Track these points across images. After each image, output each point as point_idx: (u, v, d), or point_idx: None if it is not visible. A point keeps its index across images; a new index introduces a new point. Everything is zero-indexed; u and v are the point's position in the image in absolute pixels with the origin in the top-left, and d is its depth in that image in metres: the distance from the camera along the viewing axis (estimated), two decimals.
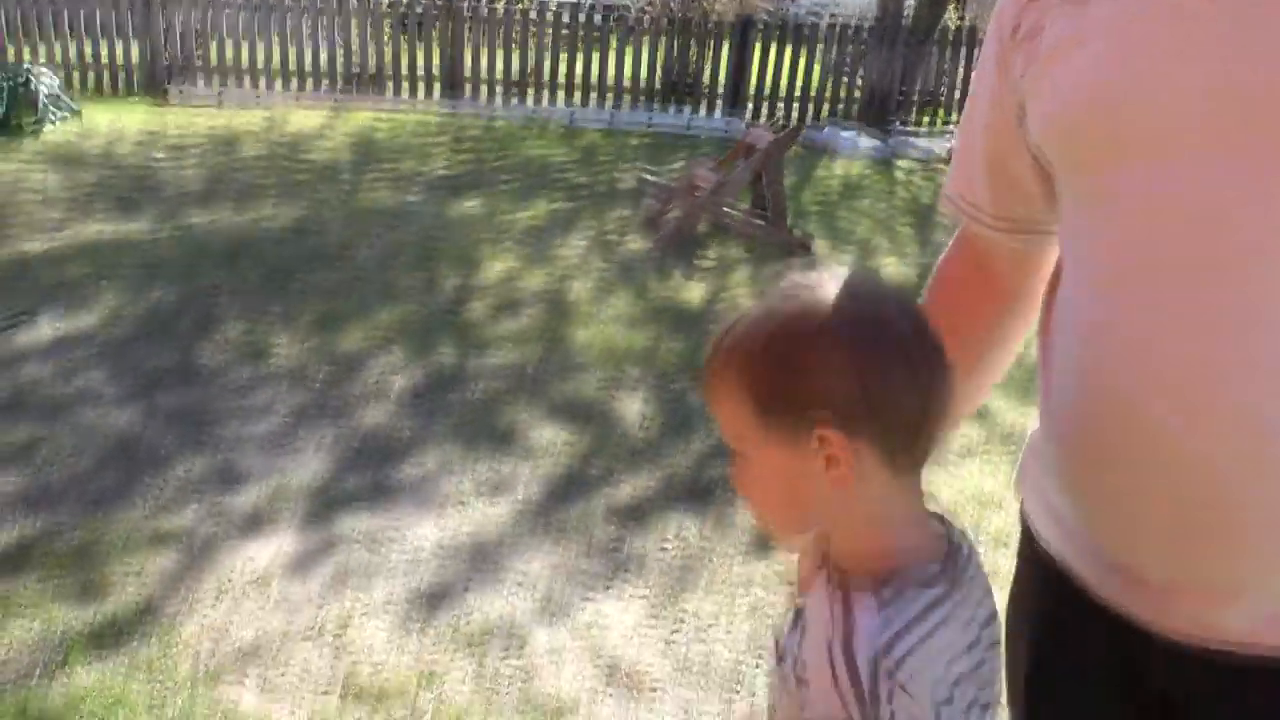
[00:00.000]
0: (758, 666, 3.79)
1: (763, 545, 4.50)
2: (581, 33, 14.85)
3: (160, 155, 10.84)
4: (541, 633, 3.82)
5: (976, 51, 15.04)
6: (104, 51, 13.76)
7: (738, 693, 3.66)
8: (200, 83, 14.00)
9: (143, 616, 3.82)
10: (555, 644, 3.79)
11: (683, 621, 4.00)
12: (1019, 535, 1.69)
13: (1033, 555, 1.60)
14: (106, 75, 13.82)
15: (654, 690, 3.63)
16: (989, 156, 1.54)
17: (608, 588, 4.15)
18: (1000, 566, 4.57)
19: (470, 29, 14.38)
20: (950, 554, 1.31)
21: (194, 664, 3.59)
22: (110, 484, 4.67)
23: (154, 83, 13.85)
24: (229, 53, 14.03)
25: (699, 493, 4.87)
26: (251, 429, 5.23)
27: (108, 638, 3.69)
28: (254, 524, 4.42)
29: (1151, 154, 1.19)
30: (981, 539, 4.73)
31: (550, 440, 5.22)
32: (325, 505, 4.59)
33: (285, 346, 6.13)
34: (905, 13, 16.07)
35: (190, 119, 12.58)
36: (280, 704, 3.43)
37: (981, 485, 5.25)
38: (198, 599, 3.93)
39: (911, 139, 13.99)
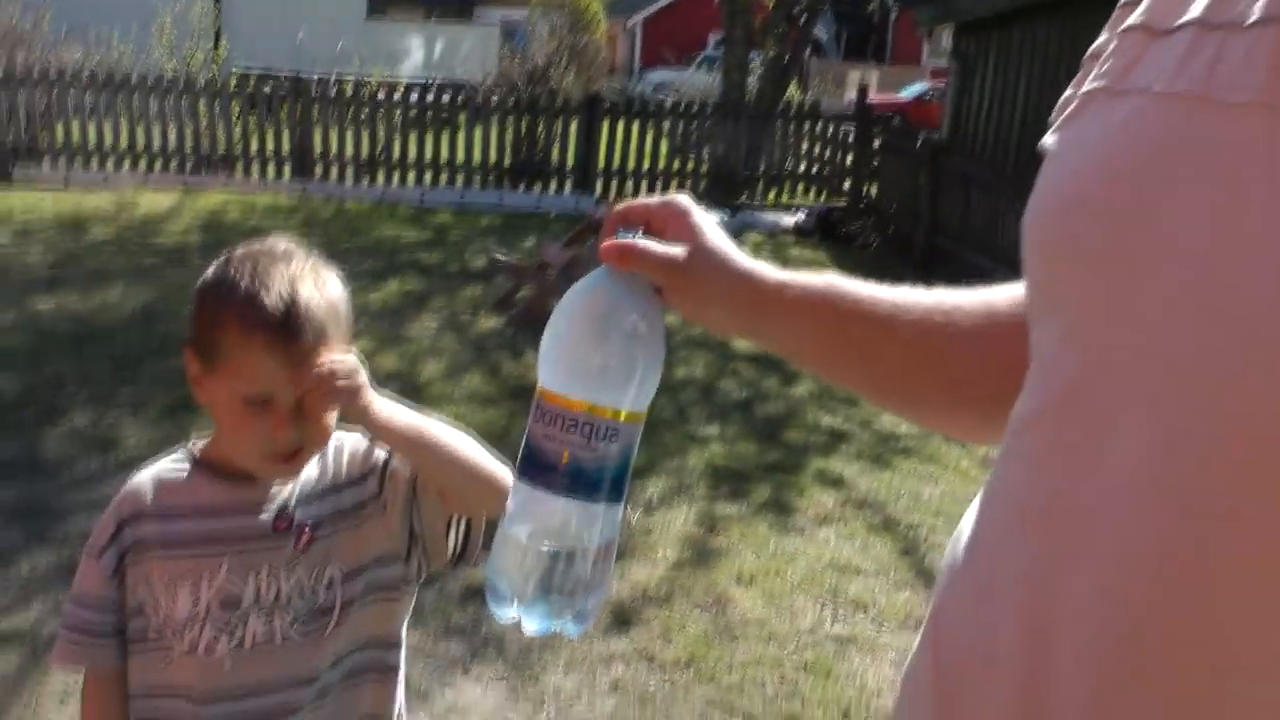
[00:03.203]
0: None
1: (623, 620, 4.52)
2: (430, 113, 14.88)
3: (3, 240, 10.60)
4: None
5: (819, 127, 15.41)
6: None
7: None
8: (46, 164, 13.73)
9: None
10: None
11: (543, 702, 3.99)
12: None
13: None
14: None
15: None
16: None
17: (467, 670, 4.13)
18: (860, 632, 4.65)
19: (319, 109, 14.33)
20: None
21: None
22: None
23: None
24: (75, 133, 13.79)
25: None
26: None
27: None
28: None
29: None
30: (840, 605, 4.81)
31: None
32: None
33: (135, 436, 6.02)
34: (749, 91, 16.39)
35: (35, 201, 12.33)
36: None
37: (838, 552, 5.34)
38: (41, 704, 3.82)
39: (759, 213, 14.24)
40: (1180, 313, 0.83)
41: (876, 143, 14.94)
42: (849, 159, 15.36)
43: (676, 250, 1.22)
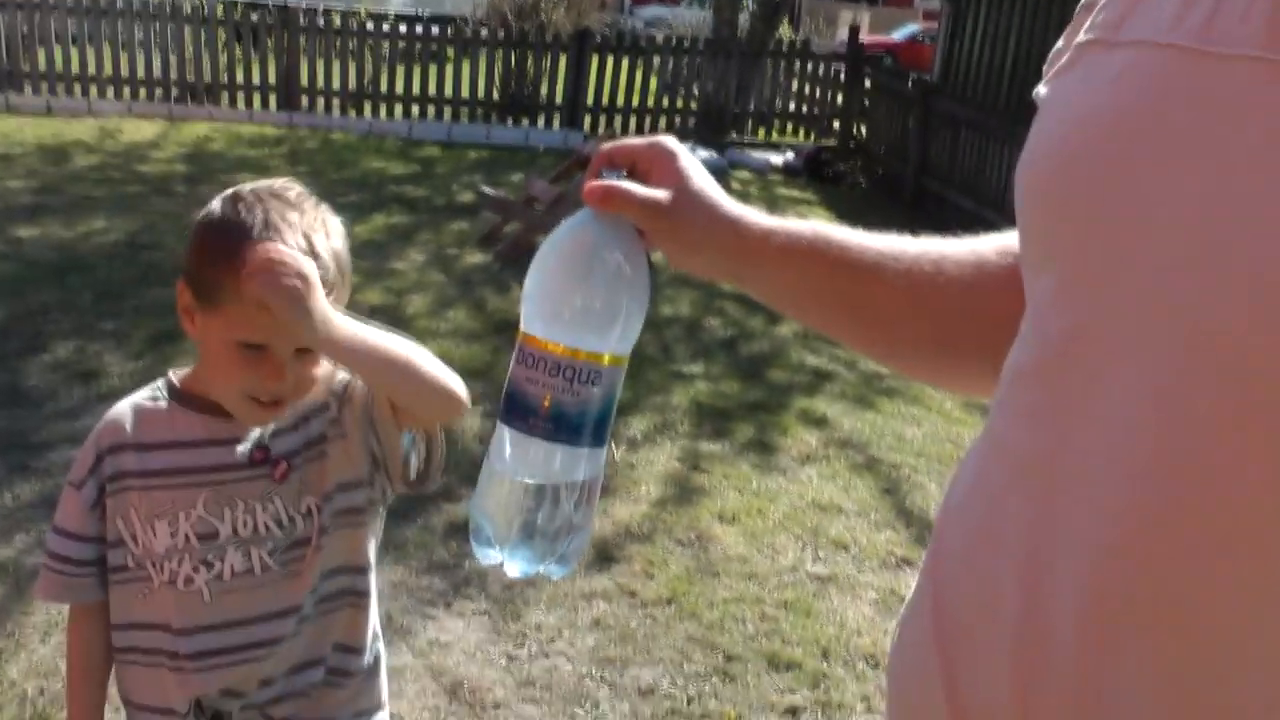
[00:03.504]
0: (602, 679, 3.83)
1: (605, 557, 4.54)
2: (419, 46, 14.77)
3: None
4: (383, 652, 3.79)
5: (810, 66, 15.33)
6: None
7: (582, 707, 3.68)
8: (27, 90, 13.59)
9: None
10: (397, 664, 3.77)
11: (525, 637, 4.01)
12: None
13: None
14: None
15: (497, 708, 3.65)
16: None
17: (449, 605, 4.15)
18: (840, 572, 4.67)
19: (306, 40, 14.21)
20: None
21: (21, 706, 3.49)
22: None
23: None
24: (58, 59, 13.65)
25: None
26: None
27: None
28: None
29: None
30: (821, 545, 4.83)
31: None
32: None
33: (118, 367, 6.00)
34: (740, 28, 16.29)
35: (18, 128, 12.21)
36: None
37: (820, 491, 5.36)
38: (24, 636, 3.82)
39: (748, 151, 14.19)
40: (1176, 264, 0.83)
41: (867, 83, 14.88)
42: (839, 99, 15.30)
43: (660, 194, 1.21)
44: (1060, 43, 1.05)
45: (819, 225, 1.28)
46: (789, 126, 15.58)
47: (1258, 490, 0.79)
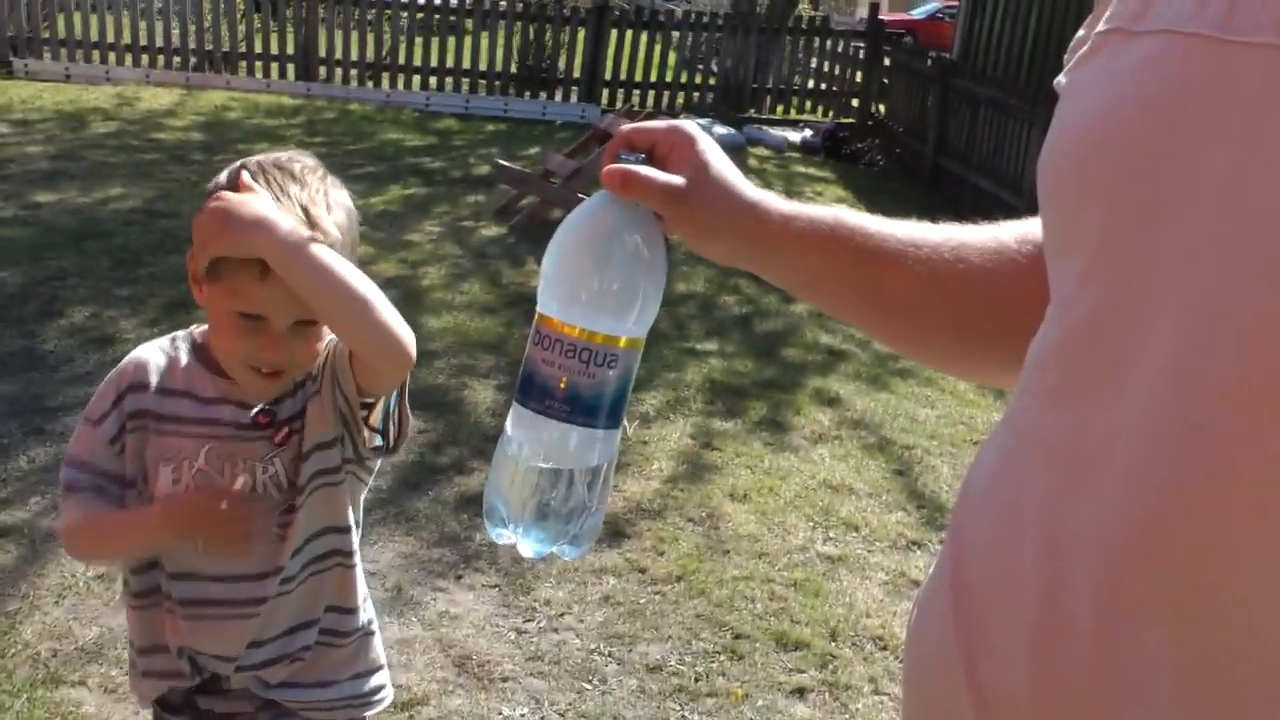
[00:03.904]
0: (610, 655, 3.83)
1: (616, 533, 4.55)
2: (437, 17, 14.74)
3: (4, 131, 10.53)
4: (392, 624, 3.81)
5: (829, 43, 15.28)
6: None
7: (589, 683, 3.69)
8: (47, 57, 13.62)
9: None
10: (406, 635, 3.79)
11: (534, 611, 4.02)
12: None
13: None
14: None
15: (505, 681, 3.66)
16: None
17: (459, 578, 4.16)
18: (850, 553, 4.67)
19: (325, 10, 14.19)
20: None
21: (34, 666, 3.52)
22: None
23: None
24: (77, 26, 13.66)
25: None
26: None
27: None
28: None
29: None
30: (831, 525, 4.83)
31: None
32: None
33: (133, 332, 6.01)
34: (760, 4, 16.24)
35: (37, 94, 12.23)
36: (123, 705, 3.38)
37: (832, 472, 5.36)
38: (39, 597, 3.85)
39: (766, 128, 14.15)
40: (1198, 250, 0.84)
41: (887, 61, 14.82)
42: (858, 77, 15.24)
43: (679, 179, 1.20)
44: (1081, 31, 1.05)
45: (839, 211, 1.27)
46: (807, 104, 15.53)
47: (1278, 469, 0.79)
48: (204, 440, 1.91)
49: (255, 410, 1.93)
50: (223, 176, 1.87)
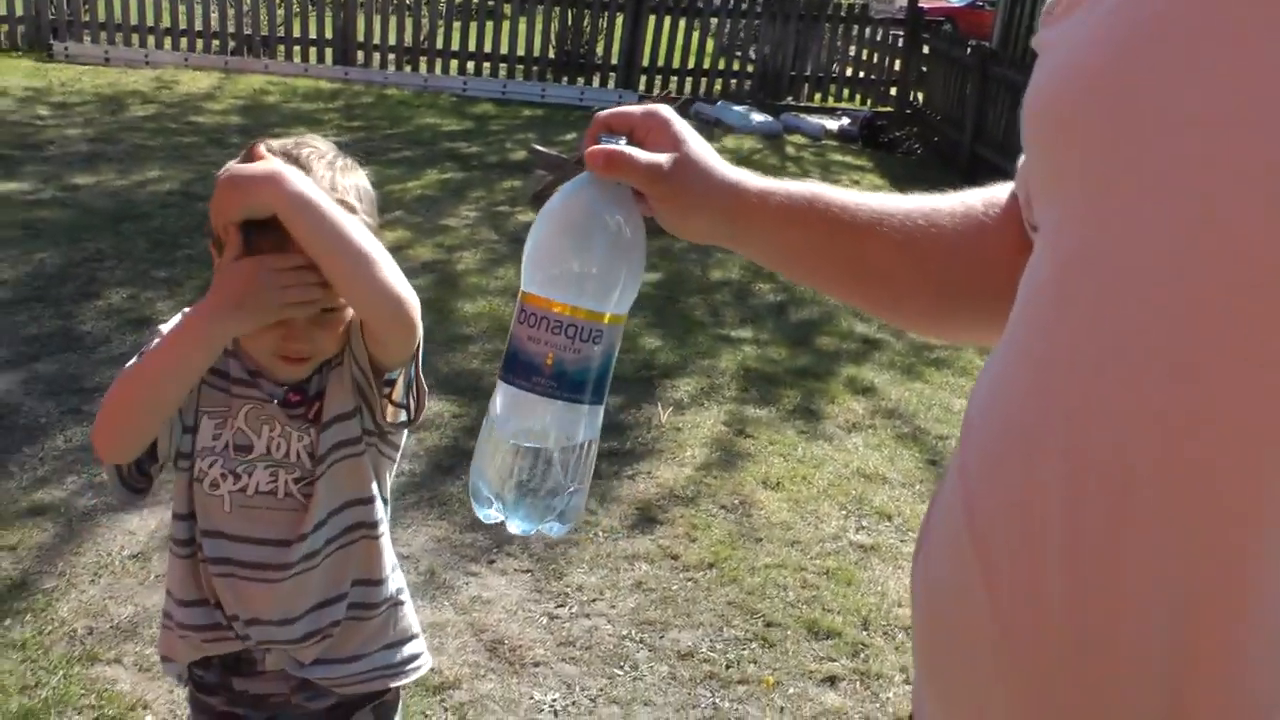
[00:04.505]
0: (641, 641, 3.84)
1: (648, 519, 4.55)
2: (475, 2, 14.74)
3: (44, 113, 10.60)
4: (425, 608, 3.82)
5: (868, 31, 15.20)
6: None
7: (620, 669, 3.69)
8: (87, 40, 13.70)
9: (17, 594, 3.76)
10: (438, 619, 3.80)
11: (566, 596, 4.03)
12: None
13: None
14: None
15: (536, 666, 3.66)
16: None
17: (491, 563, 4.17)
18: (883, 542, 4.66)
19: None
20: None
21: (70, 644, 3.55)
22: None
23: (39, 39, 13.53)
24: (117, 10, 13.72)
25: None
26: None
27: None
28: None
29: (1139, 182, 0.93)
30: (864, 514, 4.82)
31: (436, 413, 5.21)
32: None
33: (169, 314, 6.00)
34: None
35: (76, 77, 12.31)
36: (157, 683, 3.41)
37: (865, 461, 5.34)
38: (75, 576, 3.88)
39: (803, 115, 14.10)
40: (1186, 163, 0.89)
41: (925, 49, 14.74)
42: (896, 64, 15.17)
43: (661, 157, 1.24)
44: None
45: (814, 185, 1.32)
46: (845, 91, 15.46)
47: (1258, 393, 0.85)
48: (243, 400, 1.95)
49: (285, 390, 1.96)
50: (231, 164, 1.88)
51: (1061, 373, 0.94)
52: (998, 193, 1.35)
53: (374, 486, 2.04)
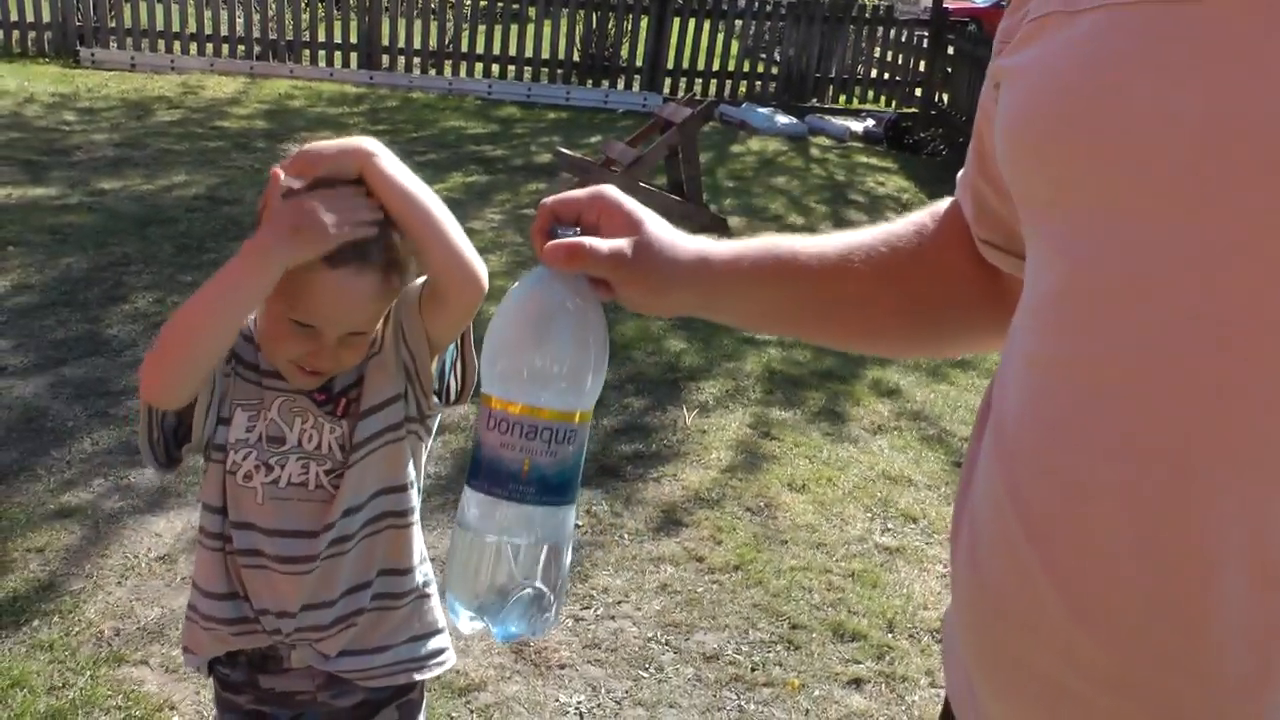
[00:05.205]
0: (667, 643, 3.83)
1: (673, 522, 4.54)
2: (500, 5, 14.77)
3: (71, 119, 10.65)
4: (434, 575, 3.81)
5: (892, 32, 15.17)
6: (13, 11, 13.51)
7: (646, 671, 3.69)
8: (113, 45, 13.77)
9: (44, 595, 3.78)
10: None
11: (592, 599, 4.03)
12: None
13: None
14: (16, 35, 13.57)
15: (562, 668, 3.66)
16: (972, 160, 1.33)
17: None
18: (908, 544, 4.65)
19: None
20: None
21: (96, 645, 3.57)
22: (13, 457, 4.61)
23: (65, 45, 13.61)
24: (143, 16, 13.79)
25: (608, 470, 4.90)
26: None
27: (7, 617, 3.65)
28: (160, 500, 4.38)
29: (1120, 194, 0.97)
30: (890, 516, 4.81)
31: (461, 415, 5.22)
32: None
33: None
34: None
35: (102, 82, 12.37)
36: (184, 684, 3.42)
37: (891, 463, 5.33)
38: (102, 577, 3.89)
39: (828, 117, 14.08)
40: (1191, 163, 0.90)
41: (950, 50, 14.70)
42: (921, 65, 15.13)
43: (622, 243, 1.22)
44: (1004, 23, 1.14)
45: (774, 239, 1.34)
46: (870, 93, 15.44)
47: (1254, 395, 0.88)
48: (275, 393, 1.96)
49: (310, 389, 1.97)
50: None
51: (1106, 368, 0.96)
52: (937, 206, 1.40)
53: (409, 473, 2.05)
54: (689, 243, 1.28)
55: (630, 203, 1.27)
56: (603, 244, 1.21)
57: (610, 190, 1.27)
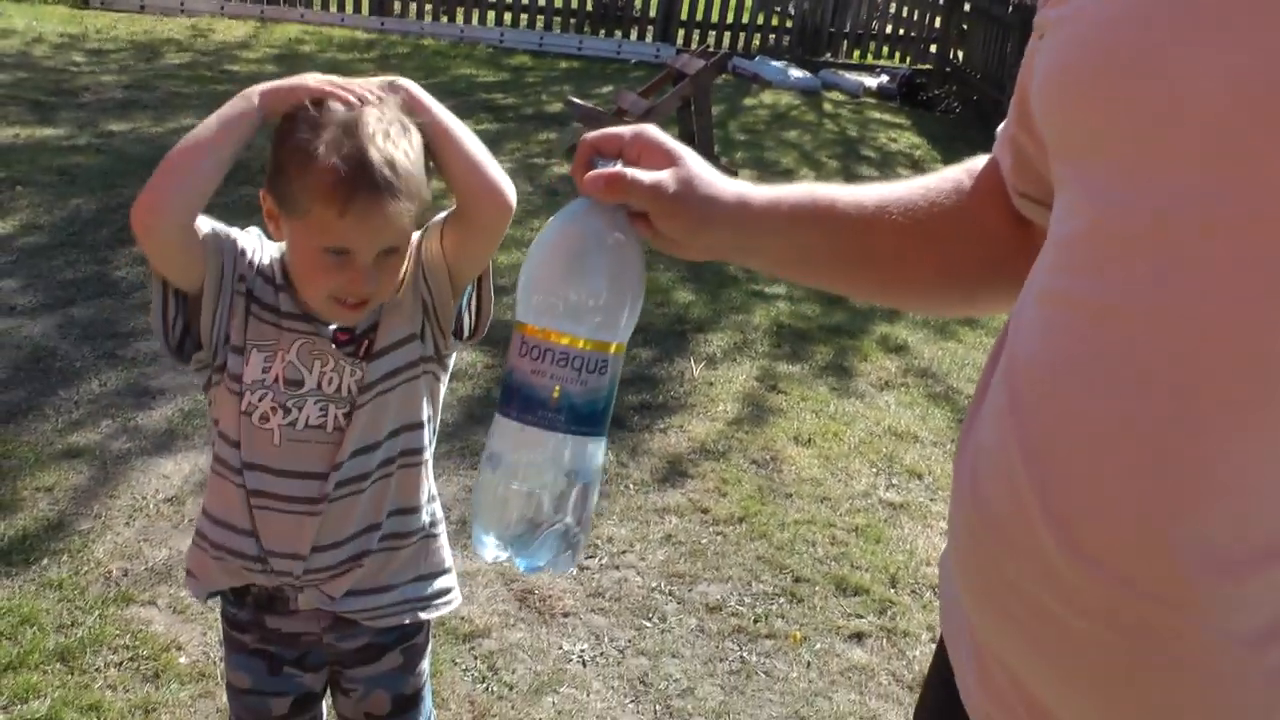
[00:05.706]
0: (670, 593, 3.85)
1: (679, 473, 4.56)
2: None
3: (79, 60, 10.60)
4: (457, 557, 3.82)
5: None
6: None
7: (649, 620, 3.71)
8: None
9: (54, 534, 3.80)
10: (469, 568, 3.81)
11: (596, 548, 4.04)
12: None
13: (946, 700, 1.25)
14: None
15: (566, 616, 3.68)
16: (1014, 112, 1.28)
17: None
18: (912, 500, 4.65)
19: None
20: None
21: (105, 584, 3.59)
22: (22, 397, 4.62)
23: None
24: None
25: (614, 420, 4.86)
26: None
27: (16, 556, 3.67)
28: (168, 442, 4.40)
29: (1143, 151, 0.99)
30: (895, 472, 4.82)
31: (469, 363, 5.23)
32: None
33: None
34: None
35: (111, 24, 12.30)
36: (191, 625, 3.44)
37: (897, 419, 5.33)
38: (110, 518, 3.91)
39: (842, 72, 14.00)
40: (1225, 116, 0.92)
41: (966, 6, 14.59)
42: (937, 22, 15.03)
43: (664, 175, 1.23)
44: None
45: (811, 186, 1.35)
46: (885, 49, 15.35)
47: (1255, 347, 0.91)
48: (296, 335, 1.97)
49: (334, 327, 1.97)
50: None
51: (1119, 305, 0.98)
52: (975, 163, 1.39)
53: (424, 411, 2.06)
54: (729, 183, 1.29)
55: (671, 141, 1.27)
56: (645, 175, 1.22)
57: (652, 129, 1.28)
